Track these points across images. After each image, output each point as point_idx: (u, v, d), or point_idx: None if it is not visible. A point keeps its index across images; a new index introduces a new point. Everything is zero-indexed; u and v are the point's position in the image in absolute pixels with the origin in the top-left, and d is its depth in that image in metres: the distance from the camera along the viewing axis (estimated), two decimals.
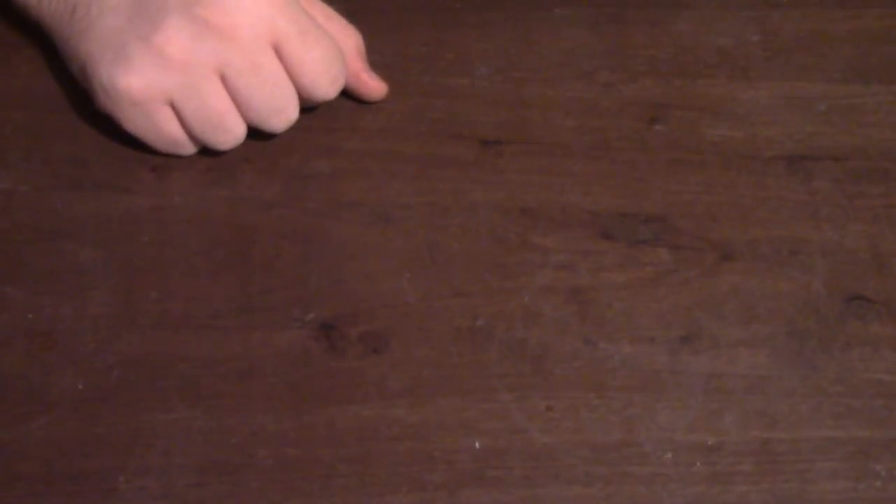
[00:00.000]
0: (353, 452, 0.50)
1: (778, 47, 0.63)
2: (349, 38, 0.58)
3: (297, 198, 0.56)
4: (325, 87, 0.55)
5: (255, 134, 0.56)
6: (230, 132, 0.54)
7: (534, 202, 0.56)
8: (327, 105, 0.58)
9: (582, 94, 0.61)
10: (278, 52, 0.53)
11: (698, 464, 0.50)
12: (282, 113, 0.55)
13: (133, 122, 0.54)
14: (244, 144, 0.56)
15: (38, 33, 0.57)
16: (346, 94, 0.58)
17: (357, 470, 0.49)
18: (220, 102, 0.53)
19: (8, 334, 0.52)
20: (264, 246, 0.55)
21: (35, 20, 0.57)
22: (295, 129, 0.56)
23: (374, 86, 0.59)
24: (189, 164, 0.57)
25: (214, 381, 0.51)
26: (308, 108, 0.57)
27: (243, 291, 0.53)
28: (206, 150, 0.56)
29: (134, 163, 0.57)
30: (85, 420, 0.50)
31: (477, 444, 0.50)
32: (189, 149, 0.56)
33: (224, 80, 0.53)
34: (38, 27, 0.58)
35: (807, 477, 0.50)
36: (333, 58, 0.55)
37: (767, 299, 0.55)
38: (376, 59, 0.59)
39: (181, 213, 0.55)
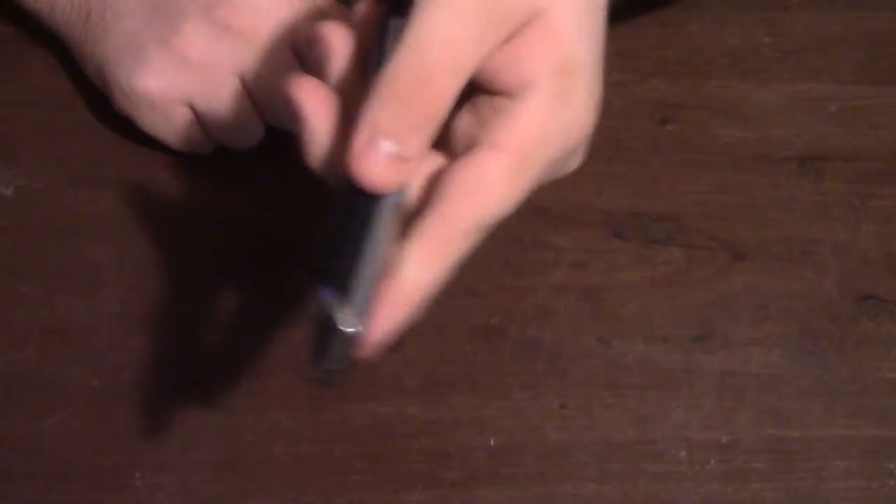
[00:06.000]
0: (368, 449, 0.50)
1: (788, 49, 0.63)
2: None
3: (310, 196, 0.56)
4: None
5: (268, 132, 0.56)
6: (249, 134, 0.54)
7: (546, 201, 0.57)
8: None
9: None
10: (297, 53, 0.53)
11: (713, 461, 0.50)
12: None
13: (152, 124, 0.54)
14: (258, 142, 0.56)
15: (53, 33, 0.58)
16: None
17: (372, 467, 0.49)
18: (239, 104, 0.53)
19: (23, 331, 0.52)
20: (278, 244, 0.55)
21: (48, 26, 0.57)
22: None
23: None
24: (203, 162, 0.57)
25: (229, 378, 0.51)
26: None
27: (257, 289, 0.53)
28: (220, 148, 0.56)
29: (148, 161, 0.57)
30: (100, 417, 0.50)
31: (492, 442, 0.50)
32: (207, 149, 0.56)
33: (243, 81, 0.53)
34: (50, 32, 0.58)
35: (820, 475, 0.50)
36: None
37: (780, 299, 0.55)
38: None
39: (195, 212, 0.56)
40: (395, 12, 0.38)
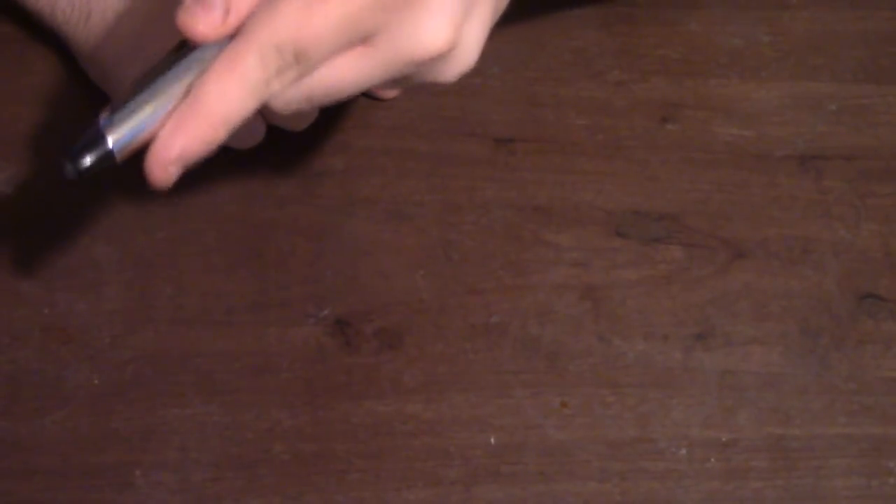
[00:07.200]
0: (368, 447, 0.50)
1: (788, 48, 0.63)
2: None
3: (311, 194, 0.56)
4: None
5: (270, 130, 0.56)
6: (251, 134, 0.54)
7: (547, 200, 0.57)
8: (340, 103, 0.58)
9: (594, 94, 0.61)
10: None
11: (713, 460, 0.50)
12: (303, 115, 0.55)
13: None
14: None
15: (53, 33, 0.58)
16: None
17: (372, 465, 0.49)
18: None
19: (24, 329, 0.52)
20: (279, 242, 0.55)
21: (48, 28, 0.57)
22: (309, 126, 0.56)
23: None
24: (204, 160, 0.57)
25: (230, 377, 0.51)
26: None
27: (258, 287, 0.54)
28: (220, 147, 0.56)
29: None
30: (101, 415, 0.50)
31: (492, 440, 0.50)
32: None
33: None
34: (51, 33, 0.58)
35: (820, 473, 0.50)
36: None
37: (780, 297, 0.55)
38: None
39: (196, 210, 0.56)
40: None
